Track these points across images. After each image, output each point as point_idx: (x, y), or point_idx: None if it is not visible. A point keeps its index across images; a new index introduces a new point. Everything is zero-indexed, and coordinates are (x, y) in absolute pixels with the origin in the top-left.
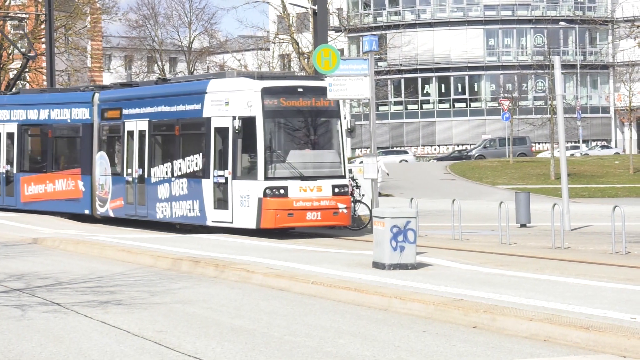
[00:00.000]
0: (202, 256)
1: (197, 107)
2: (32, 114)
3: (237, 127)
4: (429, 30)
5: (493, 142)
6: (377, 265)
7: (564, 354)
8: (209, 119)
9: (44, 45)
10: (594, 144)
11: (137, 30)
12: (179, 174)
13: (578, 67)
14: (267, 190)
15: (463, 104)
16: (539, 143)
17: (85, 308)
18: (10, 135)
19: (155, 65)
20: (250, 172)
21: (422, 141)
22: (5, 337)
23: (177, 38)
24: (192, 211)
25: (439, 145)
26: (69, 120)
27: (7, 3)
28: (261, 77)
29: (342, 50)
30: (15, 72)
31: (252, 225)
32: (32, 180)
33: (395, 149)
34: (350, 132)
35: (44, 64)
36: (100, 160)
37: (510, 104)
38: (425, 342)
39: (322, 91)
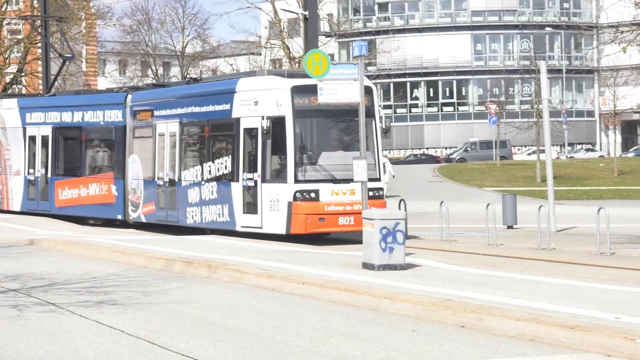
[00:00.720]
0: (194, 257)
1: (226, 107)
2: (66, 117)
3: (266, 128)
4: (418, 35)
5: (474, 145)
6: (366, 266)
7: (550, 353)
8: (238, 120)
9: (40, 50)
10: (578, 147)
11: (131, 35)
12: (209, 177)
13: (563, 72)
14: (297, 194)
15: (451, 108)
16: (525, 146)
17: (80, 308)
18: (45, 139)
19: (149, 69)
20: (279, 175)
21: (410, 144)
22: (1, 336)
23: (170, 43)
24: (222, 216)
25: (427, 149)
26: (102, 123)
27: (3, 8)
28: (291, 75)
29: (332, 55)
30: (12, 76)
31: (281, 230)
32: (66, 185)
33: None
34: (385, 132)
35: (40, 68)
36: (133, 163)
37: (497, 108)
38: (414, 341)
39: None
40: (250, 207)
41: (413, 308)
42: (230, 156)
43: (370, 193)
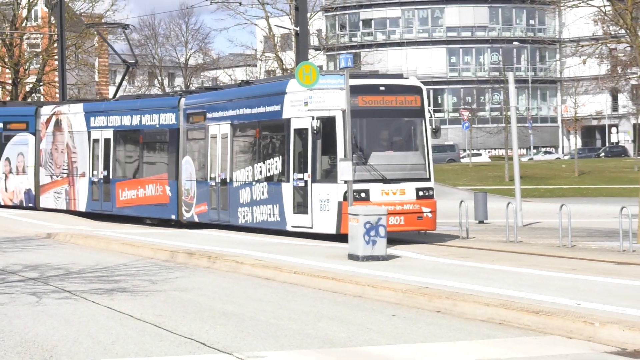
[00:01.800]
0: (196, 249)
1: (276, 108)
2: (126, 120)
3: (316, 128)
4: (398, 49)
5: None
6: (352, 257)
7: (517, 335)
8: (288, 120)
9: (56, 62)
10: (534, 150)
11: (139, 48)
12: (260, 177)
13: (529, 82)
14: (347, 194)
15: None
16: (495, 149)
17: (93, 295)
18: (107, 141)
19: (156, 79)
20: (330, 175)
21: None
22: (22, 320)
23: (174, 56)
24: (272, 216)
25: None
26: (157, 126)
27: (24, 24)
28: None
29: (321, 67)
30: (30, 85)
31: (332, 230)
32: (125, 186)
33: None
34: (436, 132)
35: (57, 78)
36: (186, 165)
37: (469, 115)
38: (394, 325)
39: (406, 89)
40: (301, 207)
41: (394, 295)
42: (280, 156)
43: (420, 193)
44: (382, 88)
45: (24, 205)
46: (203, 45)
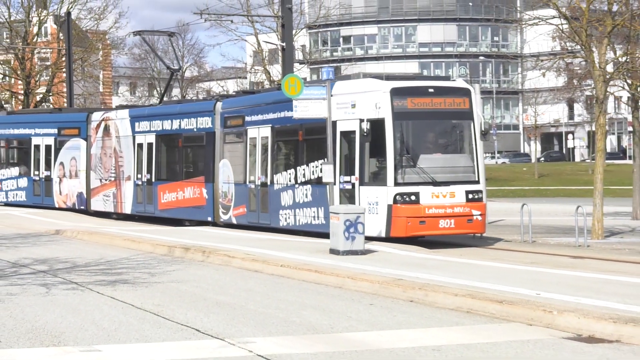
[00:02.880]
0: (192, 244)
1: None
2: (167, 124)
3: (364, 130)
4: (375, 63)
5: None
6: (333, 251)
7: (483, 323)
8: (334, 123)
9: (64, 74)
10: (488, 155)
11: (140, 62)
12: (303, 180)
13: (494, 93)
14: (397, 197)
15: None
16: None
17: (97, 286)
18: (150, 145)
19: (155, 90)
20: (378, 178)
21: None
22: (33, 309)
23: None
24: (317, 219)
25: None
26: (194, 130)
27: (34, 40)
28: (389, 77)
29: (305, 79)
30: (41, 95)
31: (381, 233)
32: (166, 189)
33: None
34: (485, 134)
35: (65, 89)
36: (223, 167)
37: None
38: (372, 313)
39: (454, 91)
40: None
41: (371, 286)
42: (325, 159)
43: (470, 196)
44: (430, 90)
45: (77, 207)
46: (198, 59)
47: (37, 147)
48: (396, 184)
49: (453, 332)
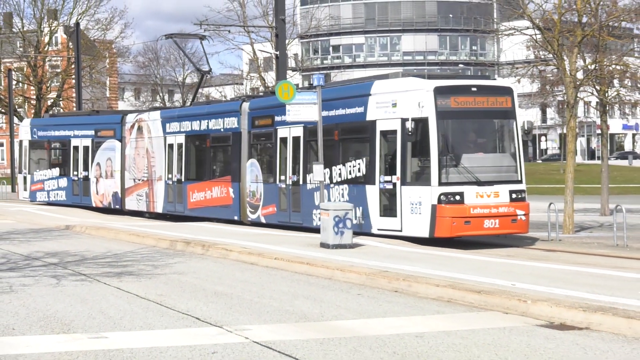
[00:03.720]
0: (192, 239)
1: (359, 110)
2: (195, 125)
3: (409, 130)
4: (362, 70)
5: None
6: (323, 245)
7: (462, 311)
8: (373, 122)
9: (74, 81)
10: None
11: (144, 69)
12: (339, 180)
13: None
14: (441, 197)
15: None
16: None
17: (104, 277)
18: (180, 146)
19: (158, 96)
20: (421, 177)
21: None
22: (44, 299)
23: (173, 75)
24: (354, 219)
25: None
26: (221, 130)
27: (46, 49)
28: (431, 76)
29: (297, 85)
30: (51, 100)
31: (424, 233)
32: (195, 188)
33: None
34: (527, 133)
35: (74, 94)
36: (251, 167)
37: None
38: (359, 302)
39: (496, 90)
40: (388, 210)
41: (358, 277)
42: (364, 159)
43: (514, 195)
44: (473, 89)
45: (112, 206)
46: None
47: (75, 148)
48: (440, 183)
49: (434, 320)
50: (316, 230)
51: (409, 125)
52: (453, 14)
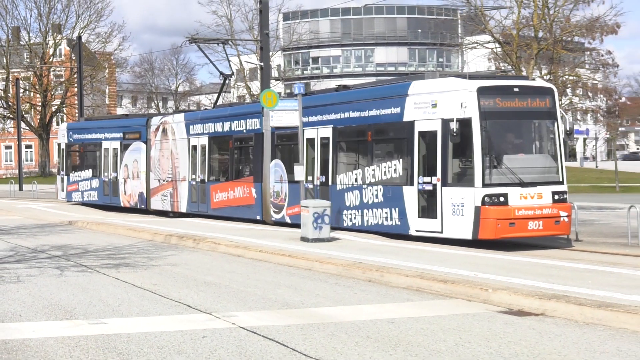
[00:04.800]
0: (185, 233)
1: (395, 110)
2: (218, 127)
3: (453, 130)
4: (339, 80)
5: None
6: (303, 239)
7: (430, 299)
8: (411, 123)
9: (76, 89)
10: None
11: (140, 78)
12: (372, 181)
13: None
14: (486, 198)
15: None
16: None
17: (104, 269)
18: (203, 147)
19: (153, 103)
20: (463, 179)
21: None
22: (49, 289)
23: (167, 84)
24: (390, 220)
25: None
26: (244, 131)
27: (51, 60)
28: (472, 76)
29: (280, 93)
30: (56, 107)
31: (467, 235)
32: (218, 188)
33: None
34: (569, 134)
35: (76, 102)
36: (275, 168)
37: None
38: (336, 291)
39: (538, 91)
40: (427, 211)
41: (335, 268)
42: (400, 160)
43: (556, 197)
44: (515, 89)
45: (138, 206)
46: (189, 76)
47: (106, 150)
48: (484, 184)
49: (404, 307)
50: (346, 229)
51: (453, 125)
52: (421, 29)
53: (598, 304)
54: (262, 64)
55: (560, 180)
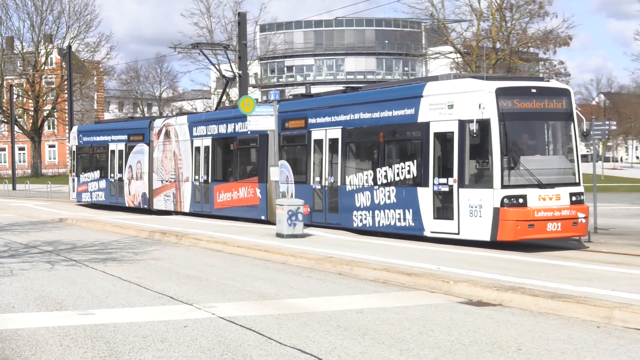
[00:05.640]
0: (168, 230)
1: (408, 112)
2: (222, 128)
3: (473, 131)
4: (312, 87)
5: None
6: (279, 235)
7: (396, 290)
8: (426, 124)
9: (66, 95)
10: None
11: (126, 85)
12: (384, 182)
13: None
14: (505, 200)
15: None
16: None
17: (92, 263)
18: (206, 148)
19: (138, 108)
20: (481, 180)
21: None
22: (40, 281)
23: (152, 91)
24: (403, 220)
25: None
26: (248, 132)
27: (42, 68)
28: (490, 77)
29: (257, 99)
30: (47, 112)
31: (485, 237)
32: (222, 189)
33: None
34: (586, 135)
35: (66, 107)
36: (281, 168)
37: None
38: (309, 284)
39: (555, 92)
40: (443, 212)
41: (308, 262)
42: (414, 161)
43: (574, 198)
44: (533, 90)
45: (141, 206)
46: (172, 84)
47: (112, 152)
48: (503, 186)
49: (372, 298)
50: (356, 230)
51: (473, 127)
52: (388, 40)
53: (551, 295)
54: (240, 72)
55: (577, 181)
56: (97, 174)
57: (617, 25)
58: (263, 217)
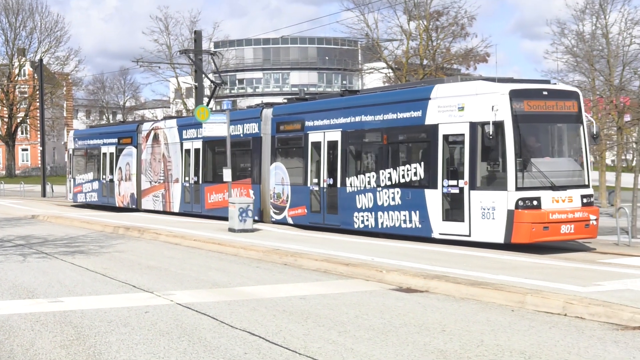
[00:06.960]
0: (131, 225)
1: (415, 114)
2: None
3: (487, 133)
4: (260, 97)
5: None
6: (231, 230)
7: (335, 279)
8: (434, 126)
9: (38, 103)
10: None
11: (93, 95)
12: (388, 183)
13: None
14: (519, 202)
15: None
16: None
17: (61, 255)
18: (197, 151)
19: (104, 116)
20: (494, 182)
21: None
22: (13, 272)
23: (116, 100)
24: (409, 222)
25: None
26: (241, 135)
27: (16, 78)
28: (501, 80)
29: (211, 109)
30: (20, 119)
31: (499, 239)
32: (213, 190)
33: None
34: (595, 138)
35: (38, 114)
36: (276, 170)
37: None
38: (258, 273)
39: (565, 94)
40: (453, 214)
41: (257, 254)
42: (421, 163)
43: (585, 200)
44: (544, 93)
45: (129, 206)
46: (135, 94)
47: (104, 154)
48: (517, 188)
49: (314, 286)
50: (356, 232)
51: (489, 129)
52: (329, 56)
53: (471, 282)
54: (197, 84)
55: (587, 183)
56: (90, 175)
57: (530, 45)
58: (256, 218)
